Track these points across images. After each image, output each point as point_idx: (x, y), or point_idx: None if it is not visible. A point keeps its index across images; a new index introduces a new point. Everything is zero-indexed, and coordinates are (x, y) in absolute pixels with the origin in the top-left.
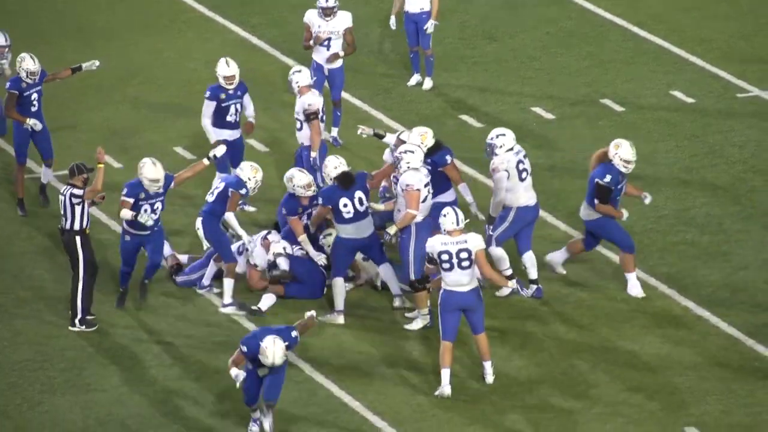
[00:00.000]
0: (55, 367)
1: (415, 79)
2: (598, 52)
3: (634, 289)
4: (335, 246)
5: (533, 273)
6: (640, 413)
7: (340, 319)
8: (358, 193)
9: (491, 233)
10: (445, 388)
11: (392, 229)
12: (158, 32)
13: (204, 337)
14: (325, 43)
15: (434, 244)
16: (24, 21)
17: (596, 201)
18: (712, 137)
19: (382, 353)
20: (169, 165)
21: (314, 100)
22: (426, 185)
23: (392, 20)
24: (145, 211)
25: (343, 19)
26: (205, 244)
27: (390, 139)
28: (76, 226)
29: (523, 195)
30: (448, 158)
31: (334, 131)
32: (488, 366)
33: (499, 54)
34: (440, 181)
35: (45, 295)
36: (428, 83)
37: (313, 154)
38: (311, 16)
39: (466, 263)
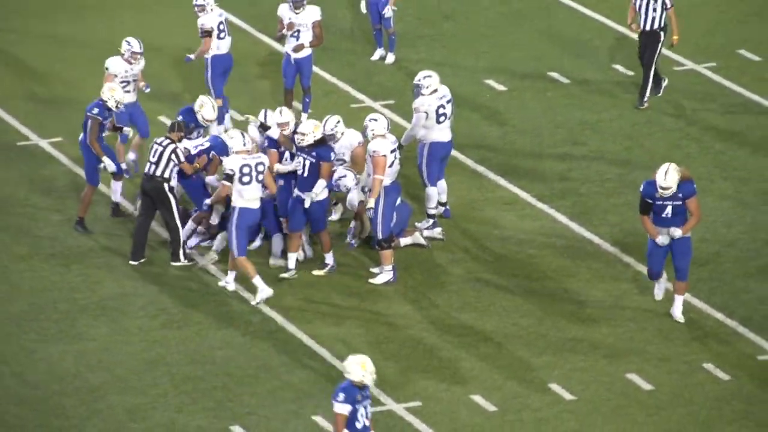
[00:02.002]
0: (49, 318)
1: (378, 53)
2: (547, 29)
3: (676, 311)
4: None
5: (443, 197)
6: (585, 361)
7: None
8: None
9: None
10: (263, 292)
11: (371, 202)
12: (144, 10)
13: (185, 289)
14: (295, 33)
15: (234, 161)
16: None
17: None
18: (650, 107)
19: (349, 305)
20: (154, 133)
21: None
22: (393, 151)
23: (363, 4)
24: (362, 416)
25: (312, 13)
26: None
27: (273, 132)
28: (167, 174)
29: (437, 133)
30: (332, 155)
31: (304, 116)
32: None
33: (456, 32)
34: (316, 173)
35: (40, 252)
36: (390, 58)
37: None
38: (283, 10)
39: (261, 176)
